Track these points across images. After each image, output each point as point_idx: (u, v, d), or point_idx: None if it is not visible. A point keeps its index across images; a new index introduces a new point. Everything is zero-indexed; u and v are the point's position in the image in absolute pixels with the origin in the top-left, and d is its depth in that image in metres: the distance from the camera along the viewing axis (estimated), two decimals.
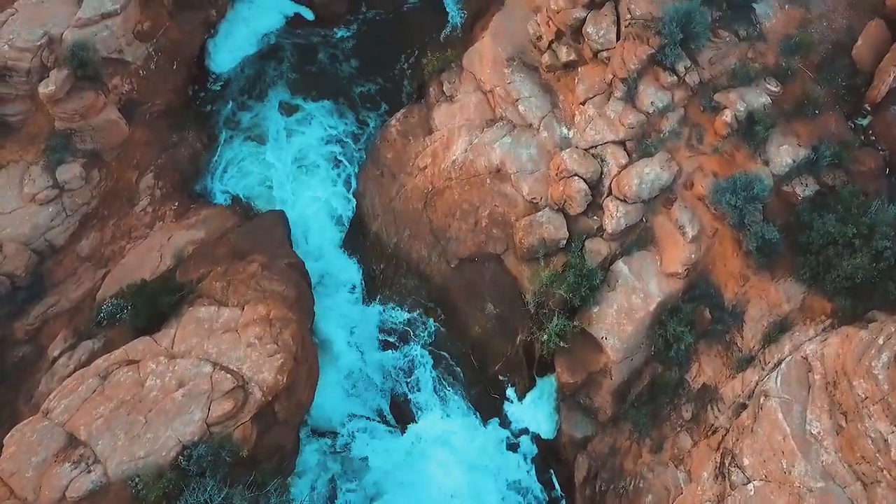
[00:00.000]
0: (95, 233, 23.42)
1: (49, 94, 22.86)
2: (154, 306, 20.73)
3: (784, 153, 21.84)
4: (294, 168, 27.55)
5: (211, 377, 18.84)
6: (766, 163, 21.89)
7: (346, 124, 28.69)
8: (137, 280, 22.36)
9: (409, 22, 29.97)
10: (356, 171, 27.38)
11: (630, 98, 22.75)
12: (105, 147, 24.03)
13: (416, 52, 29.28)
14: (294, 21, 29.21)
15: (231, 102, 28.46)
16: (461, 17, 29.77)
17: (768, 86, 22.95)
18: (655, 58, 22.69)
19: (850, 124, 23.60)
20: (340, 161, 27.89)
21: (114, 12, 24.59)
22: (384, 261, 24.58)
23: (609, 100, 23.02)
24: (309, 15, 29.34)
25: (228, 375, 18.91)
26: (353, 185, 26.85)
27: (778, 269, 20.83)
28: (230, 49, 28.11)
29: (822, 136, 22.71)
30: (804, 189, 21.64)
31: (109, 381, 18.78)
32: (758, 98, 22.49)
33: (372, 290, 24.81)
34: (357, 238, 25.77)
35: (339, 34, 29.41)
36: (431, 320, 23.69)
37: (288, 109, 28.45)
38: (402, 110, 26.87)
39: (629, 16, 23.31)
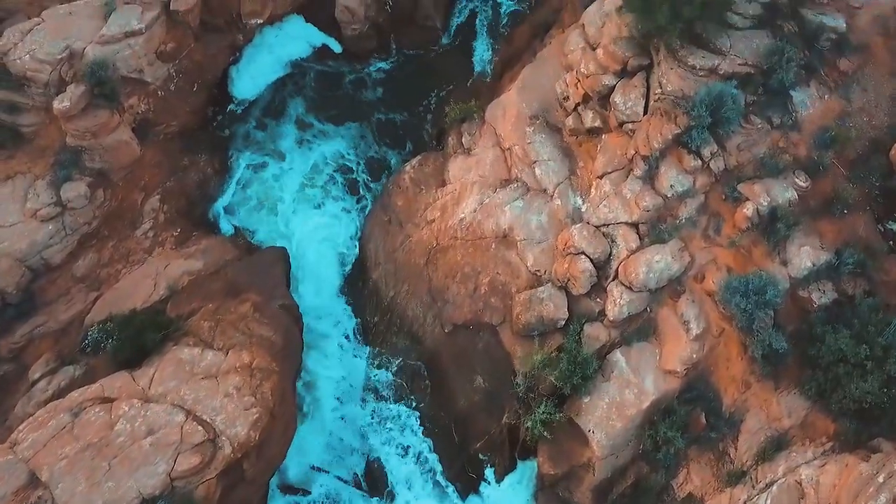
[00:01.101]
0: (93, 253, 23.20)
1: (63, 109, 22.71)
2: (138, 342, 20.38)
3: (804, 255, 20.80)
4: (303, 202, 27.18)
5: (182, 427, 18.41)
6: (785, 263, 20.87)
7: (362, 160, 28.32)
8: (128, 308, 22.08)
9: (439, 64, 29.45)
10: (366, 212, 26.92)
11: (649, 178, 21.89)
12: (113, 167, 23.82)
13: (442, 94, 28.78)
14: (321, 52, 28.80)
15: (249, 126, 28.22)
16: (491, 63, 29.13)
17: (797, 180, 21.89)
18: (681, 138, 21.80)
19: (879, 228, 22.48)
20: (351, 198, 27.51)
21: (138, 31, 24.38)
22: (379, 313, 24.01)
23: (628, 177, 22.17)
24: (336, 47, 28.92)
25: (200, 428, 18.47)
26: (360, 226, 26.33)
27: (783, 380, 19.84)
28: (253, 75, 27.80)
29: (848, 239, 21.64)
30: (821, 296, 20.59)
31: (80, 418, 18.45)
32: (784, 192, 21.47)
33: (363, 341, 24.27)
34: (356, 283, 25.26)
35: (366, 70, 28.97)
36: (418, 385, 23.03)
37: (304, 140, 28.12)
38: (418, 157, 26.30)
39: (659, 90, 22.46)
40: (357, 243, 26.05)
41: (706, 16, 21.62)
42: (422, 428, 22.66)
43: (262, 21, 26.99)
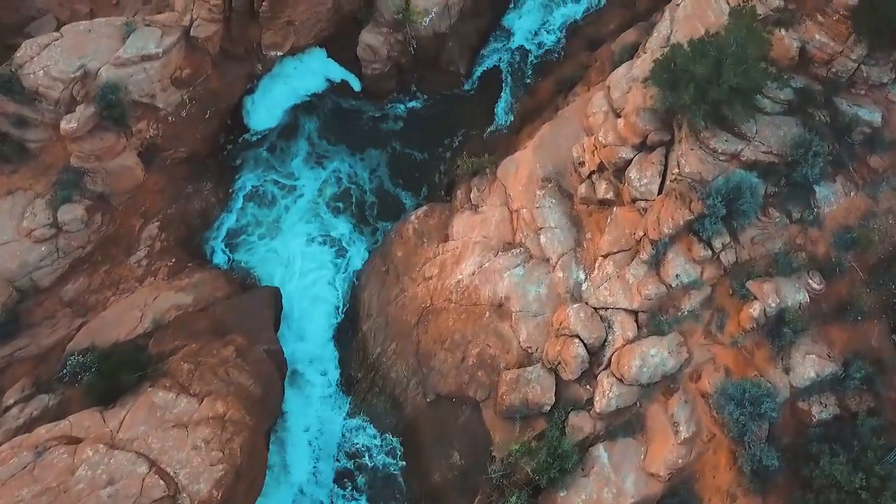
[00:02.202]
0: (84, 278, 22.97)
1: (70, 130, 22.55)
2: (114, 381, 20.03)
3: (809, 365, 19.79)
4: (305, 237, 26.74)
5: (143, 480, 18.00)
6: (787, 370, 19.88)
7: (369, 197, 27.82)
8: (111, 338, 21.80)
9: (459, 109, 28.88)
10: (367, 253, 26.42)
11: (655, 264, 21.00)
12: (115, 191, 23.59)
13: (458, 141, 28.12)
14: (339, 88, 28.35)
15: (260, 156, 27.90)
16: (511, 114, 28.42)
17: (810, 281, 20.85)
18: (693, 225, 20.88)
19: (893, 338, 21.38)
20: (354, 238, 27.03)
21: (155, 55, 24.14)
22: (364, 370, 23.45)
23: (633, 260, 21.31)
24: (356, 85, 28.44)
25: (161, 482, 18.04)
26: (359, 269, 25.81)
27: (771, 497, 18.85)
28: (269, 106, 27.42)
29: (859, 349, 20.58)
30: (822, 410, 19.57)
31: (43, 459, 18.14)
32: (795, 294, 20.46)
33: (345, 396, 23.70)
34: (346, 332, 24.73)
35: (383, 110, 28.43)
36: (394, 451, 22.39)
37: (313, 173, 27.74)
38: (424, 208, 25.72)
39: (677, 170, 21.57)
40: (355, 283, 25.50)
41: (733, 99, 20.75)
42: (393, 497, 22.00)
43: (282, 53, 26.60)
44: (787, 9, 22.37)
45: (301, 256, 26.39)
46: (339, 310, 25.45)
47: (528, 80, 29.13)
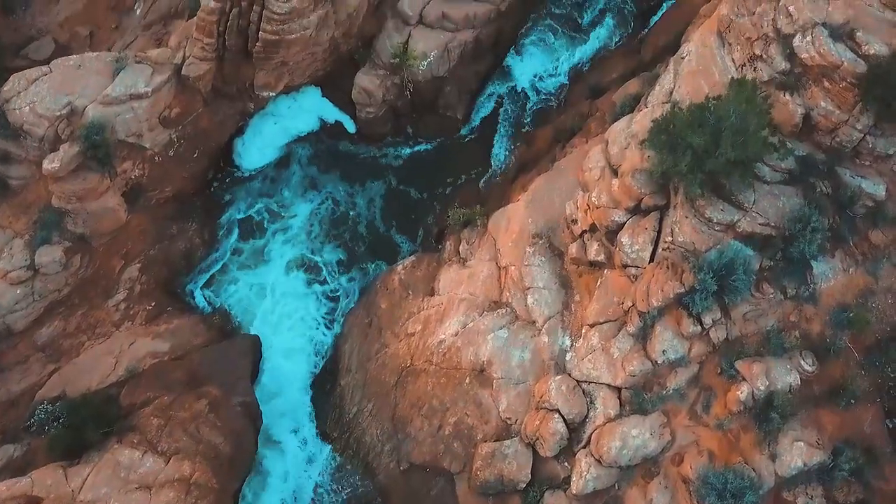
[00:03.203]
0: (59, 321, 22.55)
1: (52, 170, 22.14)
2: (81, 436, 19.55)
3: (797, 453, 19.04)
4: (291, 280, 26.25)
5: None
6: (773, 457, 19.13)
7: (358, 240, 27.24)
8: (83, 386, 21.43)
9: (454, 155, 28.23)
10: (352, 296, 25.92)
11: (642, 337, 20.32)
12: (95, 233, 23.16)
13: (449, 190, 27.52)
14: (332, 129, 27.85)
15: (250, 189, 27.41)
16: (507, 162, 27.78)
17: (802, 362, 20.05)
18: (683, 299, 20.20)
19: (887, 423, 20.59)
20: (341, 280, 26.55)
21: (144, 94, 23.68)
22: (339, 429, 22.87)
23: (620, 332, 20.64)
24: (350, 126, 27.91)
25: None
26: (343, 319, 25.30)
27: None
28: (260, 145, 26.95)
29: (850, 435, 19.80)
30: (808, 502, 18.83)
31: None
32: (785, 376, 19.66)
33: (319, 453, 23.11)
34: (325, 384, 24.18)
35: (377, 154, 27.85)
36: None
37: (307, 203, 27.22)
38: (412, 258, 25.16)
39: (670, 238, 20.87)
40: (337, 333, 24.99)
41: (731, 171, 20.04)
42: None
43: (275, 94, 26.09)
44: (792, 72, 21.59)
45: (285, 297, 25.91)
46: (320, 358, 24.92)
47: (527, 128, 28.49)
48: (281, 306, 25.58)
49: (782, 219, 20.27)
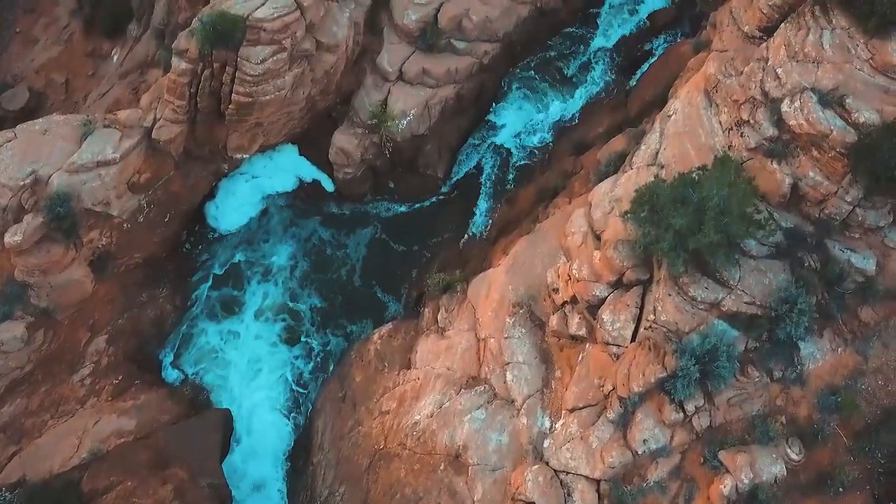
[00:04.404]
0: (22, 399, 21.81)
1: (14, 244, 21.41)
2: None
3: None
4: (266, 340, 25.54)
5: None
6: None
7: (341, 297, 26.56)
8: (44, 470, 20.64)
9: (435, 214, 27.46)
10: (328, 361, 25.23)
11: (622, 425, 19.53)
12: (60, 306, 22.43)
13: (430, 252, 26.74)
14: (310, 188, 27.11)
15: (225, 245, 26.70)
16: (487, 224, 27.05)
17: (789, 451, 19.27)
18: (664, 383, 19.47)
19: None
20: (319, 341, 25.86)
21: (112, 161, 22.94)
22: None
23: (599, 419, 19.88)
24: (329, 185, 27.17)
25: None
26: (317, 391, 24.57)
27: None
28: (235, 206, 26.23)
29: None
30: None
31: None
32: (771, 467, 18.87)
33: None
34: (297, 461, 23.39)
35: (354, 212, 27.14)
36: None
37: (273, 277, 26.59)
38: (389, 326, 24.43)
39: (653, 317, 20.10)
40: (310, 407, 24.25)
41: (715, 250, 19.33)
42: None
43: (248, 155, 25.39)
44: (780, 139, 20.91)
45: (261, 357, 25.19)
46: (294, 429, 24.18)
47: (510, 185, 27.76)
48: (255, 375, 24.84)
49: (769, 297, 19.50)
